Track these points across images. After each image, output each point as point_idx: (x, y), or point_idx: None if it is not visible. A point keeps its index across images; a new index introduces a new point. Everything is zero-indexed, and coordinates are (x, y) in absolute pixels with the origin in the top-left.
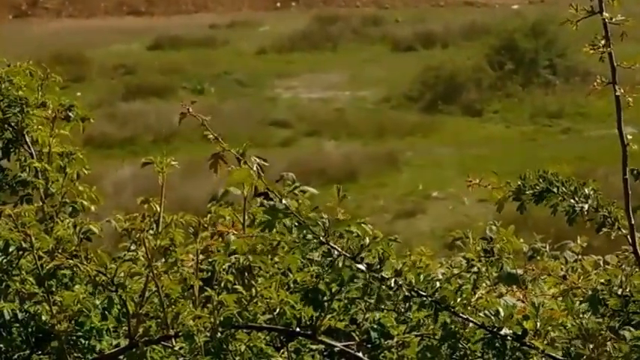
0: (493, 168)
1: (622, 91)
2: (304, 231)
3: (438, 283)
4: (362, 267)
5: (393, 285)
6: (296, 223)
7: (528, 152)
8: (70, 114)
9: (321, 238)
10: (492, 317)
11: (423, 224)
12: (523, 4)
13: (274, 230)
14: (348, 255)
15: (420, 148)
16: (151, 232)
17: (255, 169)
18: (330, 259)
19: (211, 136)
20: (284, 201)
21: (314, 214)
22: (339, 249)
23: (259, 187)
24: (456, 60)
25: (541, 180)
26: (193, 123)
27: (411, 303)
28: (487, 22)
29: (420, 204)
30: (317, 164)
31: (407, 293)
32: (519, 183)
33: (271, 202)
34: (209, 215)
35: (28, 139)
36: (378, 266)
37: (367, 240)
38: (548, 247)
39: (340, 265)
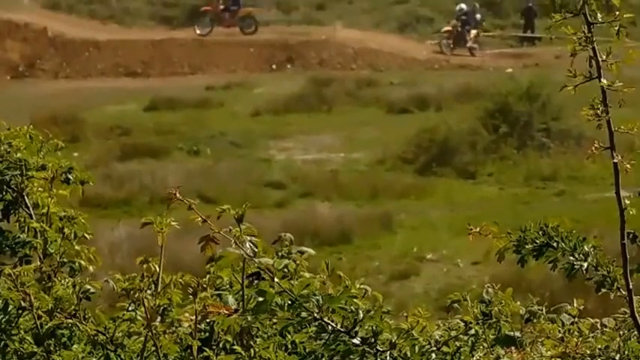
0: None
1: (620, 157)
2: (298, 309)
3: (434, 355)
4: (356, 341)
5: (388, 359)
6: (289, 301)
7: (522, 215)
8: (70, 176)
9: (315, 314)
10: None
11: (417, 286)
12: (517, 68)
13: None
14: (342, 330)
15: (414, 209)
16: (150, 291)
17: (249, 246)
18: (324, 334)
19: (200, 218)
20: (276, 279)
21: (307, 291)
22: (334, 324)
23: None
24: (450, 122)
25: (541, 234)
26: (189, 184)
27: None
28: (481, 85)
29: (414, 266)
30: (311, 225)
31: None
32: (520, 234)
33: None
34: (208, 276)
35: (27, 201)
36: (373, 340)
37: (361, 314)
38: (544, 309)
39: (335, 340)
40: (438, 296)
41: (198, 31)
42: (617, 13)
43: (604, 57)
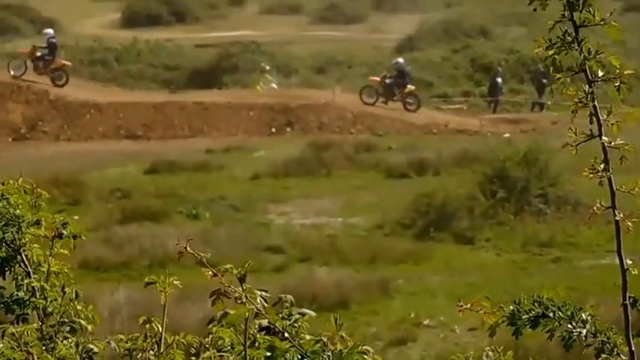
0: (484, 296)
1: (622, 215)
2: None
3: None
4: None
5: None
6: (298, 356)
7: (519, 281)
8: (64, 231)
9: None
10: None
11: (414, 353)
12: (515, 133)
13: None
14: None
15: (412, 275)
16: (153, 352)
17: (259, 301)
18: None
19: (210, 272)
20: (286, 335)
21: (317, 347)
22: None
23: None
24: (448, 187)
25: (536, 304)
26: (188, 248)
27: None
28: (479, 151)
29: (411, 332)
30: (309, 290)
31: None
32: (513, 308)
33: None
34: (210, 336)
35: (24, 257)
36: None
37: None
38: None
39: None
40: None
41: (12, 72)
42: (618, 70)
43: (604, 116)
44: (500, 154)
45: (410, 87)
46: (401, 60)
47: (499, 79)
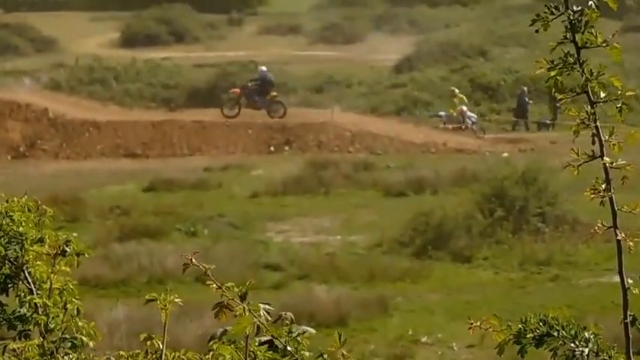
0: (482, 314)
1: (623, 235)
2: None
3: None
4: None
5: None
6: None
7: (517, 299)
8: (67, 249)
9: None
10: None
11: None
12: (513, 152)
13: None
14: None
15: (410, 293)
16: None
17: (262, 314)
18: None
19: (215, 285)
20: (289, 348)
21: None
22: None
23: (262, 329)
24: (446, 206)
25: (542, 324)
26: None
27: None
28: (477, 170)
29: (409, 349)
30: (307, 308)
31: None
32: (520, 326)
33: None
34: (211, 353)
35: (27, 275)
36: None
37: None
38: None
39: None
40: None
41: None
42: (619, 92)
43: (606, 136)
44: (498, 173)
45: (272, 94)
46: (264, 68)
47: (527, 98)
